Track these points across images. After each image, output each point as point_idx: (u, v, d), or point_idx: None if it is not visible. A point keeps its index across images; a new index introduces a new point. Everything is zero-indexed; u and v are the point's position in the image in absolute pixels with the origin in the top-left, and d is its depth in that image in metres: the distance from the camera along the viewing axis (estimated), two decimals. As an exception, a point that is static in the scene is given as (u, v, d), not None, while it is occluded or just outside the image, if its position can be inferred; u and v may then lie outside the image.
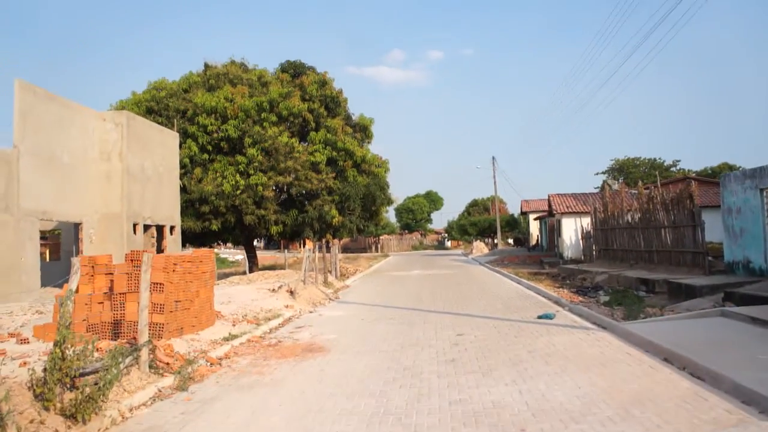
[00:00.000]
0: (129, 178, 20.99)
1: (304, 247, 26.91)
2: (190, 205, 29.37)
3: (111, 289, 10.76)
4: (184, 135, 30.10)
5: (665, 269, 20.73)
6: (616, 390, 7.38)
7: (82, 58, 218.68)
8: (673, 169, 72.12)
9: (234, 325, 13.11)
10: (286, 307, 16.46)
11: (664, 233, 21.60)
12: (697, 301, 14.73)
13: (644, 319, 12.60)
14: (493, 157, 68.40)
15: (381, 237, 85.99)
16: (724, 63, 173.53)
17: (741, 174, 17.36)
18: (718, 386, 7.27)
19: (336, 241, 34.67)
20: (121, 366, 7.60)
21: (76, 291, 10.56)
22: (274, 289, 19.01)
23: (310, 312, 16.51)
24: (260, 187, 29.88)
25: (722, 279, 16.44)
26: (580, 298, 17.15)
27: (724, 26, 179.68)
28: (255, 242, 41.48)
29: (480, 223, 79.62)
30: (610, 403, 6.81)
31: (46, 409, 6.01)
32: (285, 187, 32.45)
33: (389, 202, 38.15)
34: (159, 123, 27.32)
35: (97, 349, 9.13)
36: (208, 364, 9.69)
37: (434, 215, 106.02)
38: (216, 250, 48.80)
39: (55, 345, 6.24)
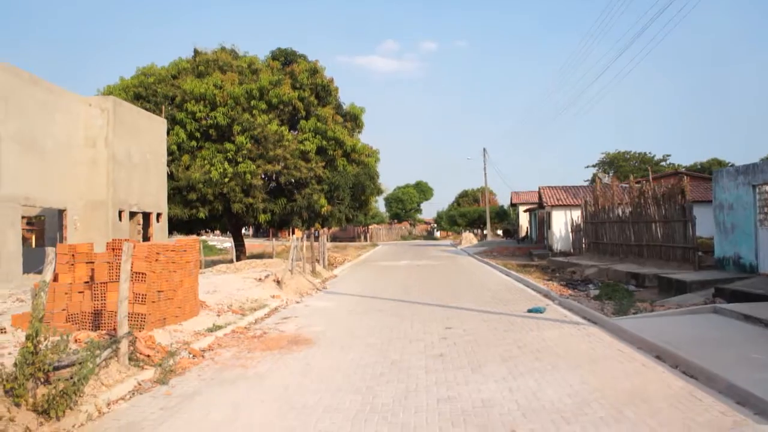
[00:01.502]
0: (115, 165, 20.62)
1: (292, 235, 26.66)
2: (177, 193, 28.99)
3: (92, 278, 10.48)
4: (172, 121, 29.67)
5: (655, 264, 20.64)
6: (608, 389, 7.20)
7: (69, 42, 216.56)
8: (664, 163, 72.22)
9: (219, 316, 12.87)
10: (273, 297, 16.23)
11: (655, 228, 21.49)
12: (687, 296, 14.62)
13: (635, 314, 12.46)
14: (484, 149, 68.29)
15: (370, 226, 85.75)
16: (715, 60, 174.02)
17: (734, 170, 17.26)
18: (712, 386, 7.12)
19: (325, 230, 34.43)
20: (99, 359, 7.35)
21: (56, 280, 10.31)
22: (260, 279, 18.77)
23: (297, 302, 16.29)
24: (249, 175, 29.54)
25: (712, 274, 16.35)
26: (570, 292, 17.01)
27: (715, 24, 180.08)
28: (243, 230, 41.15)
29: (470, 213, 79.52)
30: (603, 403, 6.64)
31: (17, 405, 5.76)
32: (274, 175, 32.11)
33: (378, 191, 37.91)
34: (147, 109, 26.89)
35: (76, 341, 8.89)
36: (191, 356, 9.46)
37: (424, 205, 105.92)
38: (204, 237, 48.45)
39: (27, 339, 5.98)
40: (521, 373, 8.10)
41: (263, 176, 31.90)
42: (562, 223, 36.04)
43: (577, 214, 31.76)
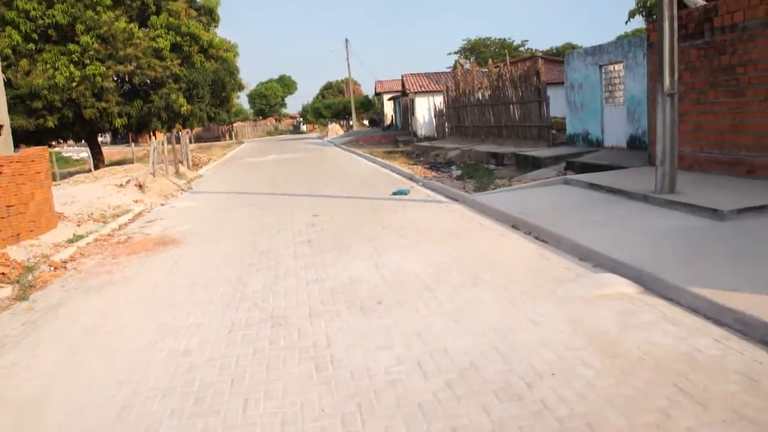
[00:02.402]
0: (-60, 73, 18.63)
1: (152, 138, 25.38)
2: (19, 102, 26.69)
3: (-74, 196, 9.68)
4: (2, 22, 26.87)
5: (513, 143, 21.61)
6: (468, 258, 7.66)
7: None
8: (522, 48, 73.97)
9: (79, 226, 12.33)
10: (136, 201, 15.69)
11: (513, 109, 22.33)
12: (542, 171, 15.54)
13: (494, 189, 13.13)
14: (347, 39, 67.45)
15: (234, 124, 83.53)
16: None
17: (583, 52, 18.09)
18: (559, 247, 7.75)
19: (187, 131, 33.20)
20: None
21: None
22: (121, 185, 18.02)
23: (162, 205, 15.87)
24: (99, 78, 27.57)
25: (564, 150, 17.39)
26: (434, 174, 17.62)
27: None
28: (99, 137, 38.94)
29: (335, 105, 79.21)
30: (462, 271, 7.08)
31: None
32: (126, 76, 30.19)
33: (240, 87, 36.75)
34: (-32, 8, 24.18)
35: None
36: (52, 268, 9.08)
37: (288, 100, 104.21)
38: (58, 149, 45.46)
39: None
40: (386, 251, 8.44)
41: (115, 78, 29.96)
42: (425, 109, 36.70)
43: (439, 100, 32.40)
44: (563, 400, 3.91)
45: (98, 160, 32.54)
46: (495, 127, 23.92)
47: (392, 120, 55.71)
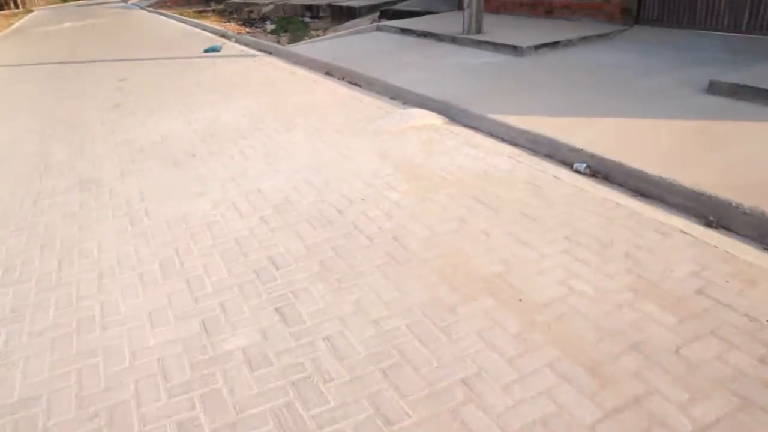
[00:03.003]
0: None
1: None
2: None
3: None
4: None
5: (329, -6, 21.15)
6: (281, 106, 7.65)
7: None
8: None
9: None
10: None
11: (325, -43, 21.64)
12: (357, 20, 15.46)
13: (309, 41, 12.96)
14: None
15: (22, -9, 74.38)
16: None
17: None
18: (372, 89, 7.96)
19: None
20: None
21: None
22: None
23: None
24: None
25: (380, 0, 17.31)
26: (248, 30, 17.03)
27: None
28: None
29: (138, -34, 72.56)
30: (276, 117, 7.09)
31: None
32: None
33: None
34: None
35: None
36: None
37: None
38: None
39: None
40: (199, 106, 8.18)
41: None
42: (235, -36, 34.61)
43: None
44: (372, 221, 4.18)
45: None
46: (309, -22, 23.18)
47: (201, -22, 52.11)
